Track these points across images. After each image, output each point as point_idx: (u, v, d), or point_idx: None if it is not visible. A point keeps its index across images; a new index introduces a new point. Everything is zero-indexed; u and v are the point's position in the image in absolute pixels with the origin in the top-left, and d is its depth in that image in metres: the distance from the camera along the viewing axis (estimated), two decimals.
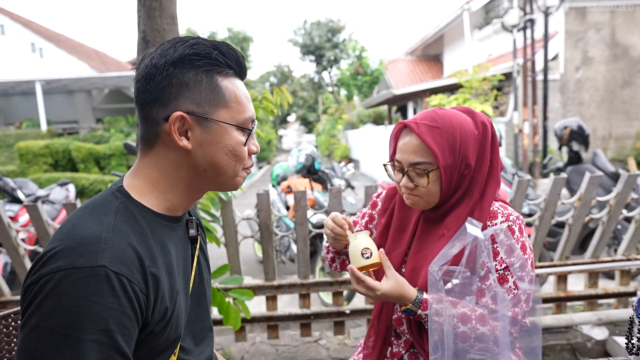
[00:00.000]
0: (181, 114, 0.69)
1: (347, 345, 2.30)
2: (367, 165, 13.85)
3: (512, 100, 9.21)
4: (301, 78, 31.26)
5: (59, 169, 10.55)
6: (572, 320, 2.31)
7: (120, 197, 0.70)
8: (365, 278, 0.95)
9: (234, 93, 0.73)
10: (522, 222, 1.00)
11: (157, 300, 0.66)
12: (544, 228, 2.21)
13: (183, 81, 0.69)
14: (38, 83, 12.45)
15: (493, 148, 1.02)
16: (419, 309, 0.96)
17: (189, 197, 0.76)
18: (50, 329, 0.56)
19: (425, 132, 0.97)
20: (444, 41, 16.17)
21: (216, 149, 0.72)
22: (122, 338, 0.60)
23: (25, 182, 3.94)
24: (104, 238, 0.61)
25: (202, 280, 0.85)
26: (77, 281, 0.57)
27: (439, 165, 0.97)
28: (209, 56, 0.70)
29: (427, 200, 1.03)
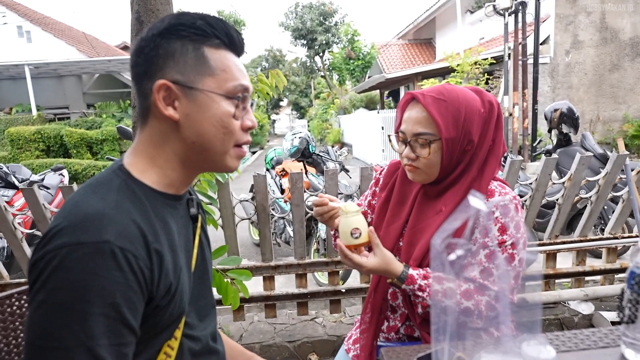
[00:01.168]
0: (164, 82, 0.69)
1: (343, 323, 2.37)
2: (359, 149, 13.88)
3: (503, 84, 9.25)
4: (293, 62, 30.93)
5: (51, 154, 10.42)
6: (560, 297, 2.39)
7: (121, 175, 0.71)
8: (352, 255, 0.99)
9: (221, 62, 0.72)
10: (518, 202, 1.02)
11: (161, 276, 0.67)
12: (535, 208, 2.27)
13: (169, 51, 0.70)
14: (27, 67, 12.16)
15: (497, 128, 1.04)
16: (403, 284, 1.00)
17: (186, 173, 0.76)
18: (58, 303, 0.57)
19: (430, 103, 0.99)
20: (436, 25, 16.07)
21: (203, 120, 0.71)
22: (129, 312, 0.61)
23: (19, 167, 3.91)
24: (108, 214, 0.62)
25: (204, 259, 0.86)
26: (82, 256, 0.57)
27: (442, 137, 0.99)
28: (194, 25, 0.70)
29: (427, 172, 1.04)
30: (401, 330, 1.16)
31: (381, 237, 1.15)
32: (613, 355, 0.82)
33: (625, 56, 10.18)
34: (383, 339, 1.19)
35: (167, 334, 0.73)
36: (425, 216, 1.08)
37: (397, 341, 1.17)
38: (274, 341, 2.23)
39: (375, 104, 16.32)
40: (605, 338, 0.88)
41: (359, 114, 14.47)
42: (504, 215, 0.99)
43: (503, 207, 1.00)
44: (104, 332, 0.58)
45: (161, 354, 0.72)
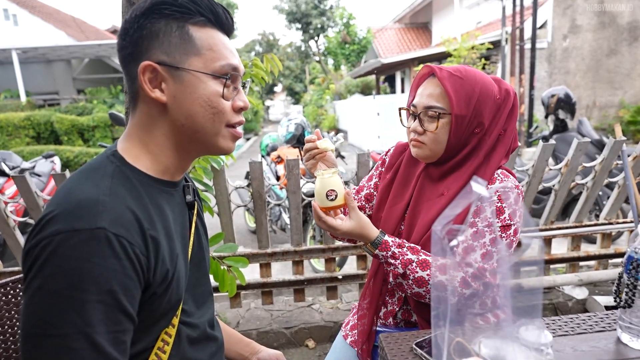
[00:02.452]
0: (149, 63, 0.67)
1: (339, 309, 2.38)
2: (355, 135, 13.84)
3: (500, 69, 9.20)
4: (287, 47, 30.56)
5: (42, 141, 10.28)
6: (555, 281, 2.42)
7: (115, 161, 0.69)
8: (326, 218, 0.98)
9: (207, 41, 0.70)
10: (520, 192, 1.01)
11: (157, 263, 0.66)
12: (531, 194, 2.27)
13: (152, 31, 0.68)
14: (14, 52, 11.91)
15: (510, 118, 1.03)
16: (376, 249, 1.00)
17: (180, 158, 0.75)
18: (53, 291, 0.56)
19: (446, 77, 0.98)
20: (433, 8, 15.89)
21: (190, 100, 0.69)
22: (126, 298, 0.60)
23: (9, 154, 3.85)
24: (102, 200, 0.61)
25: (201, 246, 0.86)
26: (77, 243, 0.57)
27: (452, 112, 0.98)
28: (176, 3, 0.68)
29: (431, 149, 1.03)
30: (399, 315, 1.16)
31: (383, 218, 1.15)
32: (609, 339, 0.82)
33: (623, 41, 10.15)
34: (380, 325, 1.19)
35: (165, 322, 0.72)
36: (427, 198, 1.07)
37: (395, 326, 1.17)
38: (271, 327, 2.24)
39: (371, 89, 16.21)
40: (601, 322, 0.88)
41: (354, 99, 14.37)
42: (501, 200, 0.98)
43: (502, 193, 0.99)
44: (101, 319, 0.58)
45: (159, 341, 0.72)
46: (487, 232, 0.95)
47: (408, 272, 0.97)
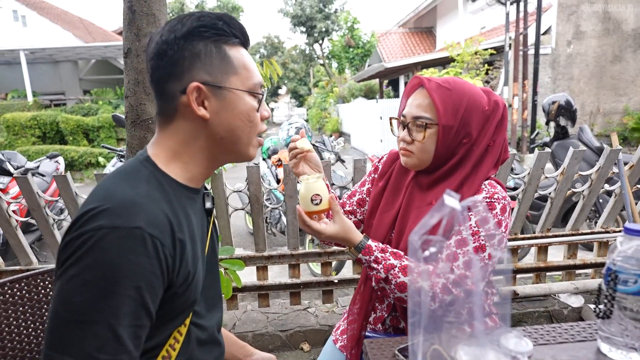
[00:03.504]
0: (197, 84, 0.72)
1: (335, 313, 2.39)
2: (357, 139, 13.85)
3: (503, 74, 9.20)
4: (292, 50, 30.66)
5: (48, 141, 10.39)
6: (551, 289, 2.42)
7: (148, 167, 0.74)
8: (311, 222, 0.99)
9: (242, 60, 0.77)
10: (507, 203, 1.02)
11: (182, 264, 0.71)
12: (527, 201, 2.28)
13: (194, 53, 0.73)
14: (22, 52, 12.06)
15: (499, 129, 1.04)
16: (359, 254, 1.01)
17: (208, 167, 0.80)
18: (88, 280, 0.61)
19: (434, 88, 1.01)
20: (437, 13, 15.91)
21: (232, 116, 0.76)
22: (150, 296, 0.65)
23: (14, 154, 3.89)
24: (140, 202, 0.66)
25: (214, 251, 0.90)
26: (116, 240, 0.62)
27: (439, 122, 1.00)
28: (215, 26, 0.74)
29: (419, 158, 1.05)
30: (387, 321, 1.17)
31: (374, 225, 1.16)
32: (589, 349, 0.84)
33: (628, 47, 10.12)
34: (370, 330, 1.21)
35: (179, 320, 0.77)
36: (415, 205, 1.09)
37: (384, 332, 1.19)
38: (267, 330, 2.26)
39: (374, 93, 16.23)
40: (583, 332, 0.90)
41: (357, 103, 14.40)
42: (487, 210, 1.00)
43: (487, 204, 1.01)
44: (126, 312, 0.62)
45: (171, 339, 0.76)
46: (470, 241, 0.97)
47: (390, 277, 0.99)
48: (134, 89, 1.60)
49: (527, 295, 2.39)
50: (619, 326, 0.75)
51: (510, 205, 1.06)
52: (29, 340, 1.07)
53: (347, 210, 1.28)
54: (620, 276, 0.73)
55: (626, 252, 0.73)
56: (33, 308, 1.10)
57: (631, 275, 0.72)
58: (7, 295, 1.08)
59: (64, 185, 2.06)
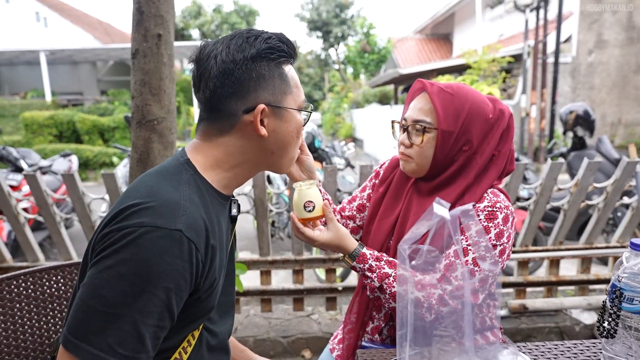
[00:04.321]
0: (264, 106, 0.74)
1: (338, 320, 2.36)
2: (370, 145, 13.79)
3: (521, 83, 9.06)
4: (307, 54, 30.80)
5: (64, 140, 10.61)
6: (562, 304, 2.34)
7: (189, 170, 0.75)
8: (304, 229, 0.98)
9: (294, 79, 0.80)
10: (510, 212, 0.99)
11: (210, 270, 0.71)
12: (539, 212, 2.21)
13: (261, 74, 0.74)
14: (42, 53, 12.38)
15: (504, 139, 1.02)
16: (354, 261, 0.99)
17: (244, 176, 0.82)
18: (122, 273, 0.61)
19: (436, 92, 0.99)
20: (455, 20, 15.80)
21: (286, 133, 0.79)
22: (175, 299, 0.65)
23: (29, 152, 3.97)
24: (183, 205, 0.67)
25: (232, 258, 0.90)
26: (155, 238, 0.62)
27: (439, 127, 0.98)
28: (281, 49, 0.76)
29: (417, 163, 1.03)
30: (384, 331, 1.14)
31: (373, 231, 1.14)
32: None
33: None
34: (367, 340, 1.18)
35: (196, 324, 0.77)
36: (414, 212, 1.06)
37: (381, 343, 1.16)
38: (269, 335, 2.24)
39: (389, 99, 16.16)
40: (587, 351, 0.85)
41: (371, 108, 14.36)
42: (489, 220, 0.96)
43: (489, 213, 0.97)
44: (151, 311, 0.62)
45: (184, 342, 0.76)
46: (470, 251, 0.93)
47: (385, 286, 0.96)
48: (141, 89, 1.60)
49: (537, 309, 2.31)
50: (623, 346, 0.71)
51: (514, 215, 1.02)
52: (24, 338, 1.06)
53: (346, 215, 1.26)
54: (625, 293, 0.69)
55: (632, 268, 0.69)
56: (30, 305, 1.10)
57: (637, 293, 0.68)
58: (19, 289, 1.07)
59: (71, 184, 2.08)
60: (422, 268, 0.65)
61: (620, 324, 0.70)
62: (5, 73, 15.58)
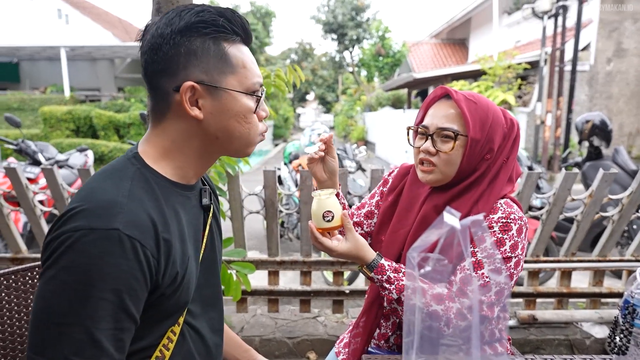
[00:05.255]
0: (192, 83, 0.69)
1: (344, 323, 2.35)
2: (382, 148, 13.75)
3: (537, 90, 8.94)
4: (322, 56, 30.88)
5: (80, 134, 10.80)
6: (573, 317, 2.30)
7: (136, 164, 0.72)
8: (322, 239, 0.97)
9: (241, 59, 0.73)
10: (524, 223, 0.99)
11: (168, 265, 0.68)
12: (552, 222, 2.18)
13: (191, 49, 0.69)
14: (63, 49, 12.62)
15: (513, 147, 1.03)
16: (372, 272, 0.98)
17: (201, 164, 0.77)
18: (65, 282, 0.59)
19: (462, 100, 0.99)
20: (471, 25, 15.68)
21: (227, 117, 0.72)
22: (130, 299, 0.62)
23: (46, 145, 4.05)
24: (120, 202, 0.64)
25: (214, 249, 0.86)
26: (92, 241, 0.60)
27: (468, 134, 0.97)
28: (216, 23, 0.70)
29: (443, 171, 1.01)
30: (391, 339, 1.14)
31: (385, 243, 1.13)
32: None
33: None
34: (374, 346, 1.18)
35: (172, 321, 0.75)
36: (429, 224, 1.05)
37: (388, 349, 1.16)
38: (274, 336, 2.24)
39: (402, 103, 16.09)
40: None
41: (384, 112, 14.32)
42: (503, 231, 0.96)
43: (503, 224, 0.96)
44: (103, 316, 0.60)
45: (164, 339, 0.74)
46: (486, 264, 0.93)
47: (403, 298, 0.95)
48: None
49: (546, 321, 2.28)
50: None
51: (527, 226, 1.01)
52: None
53: (354, 222, 1.25)
54: (638, 310, 0.67)
55: None
56: None
57: None
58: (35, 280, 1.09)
59: (86, 178, 2.12)
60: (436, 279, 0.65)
61: (633, 340, 0.69)
62: (27, 68, 15.93)
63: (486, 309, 0.92)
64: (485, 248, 0.93)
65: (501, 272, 0.92)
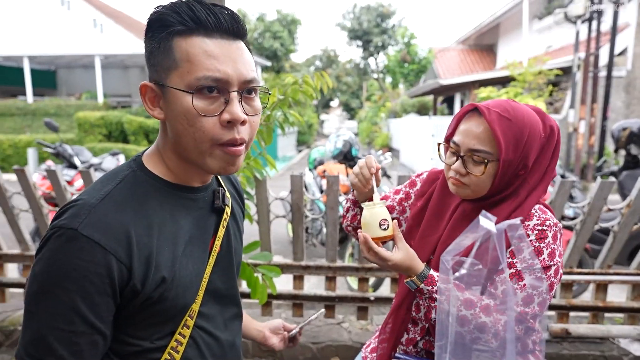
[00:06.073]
0: (144, 83, 0.69)
1: (369, 330, 2.33)
2: (407, 155, 13.62)
3: (569, 96, 8.67)
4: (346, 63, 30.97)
5: (112, 139, 11.20)
6: (609, 332, 2.20)
7: (132, 167, 0.73)
8: (378, 249, 0.95)
9: (186, 52, 0.65)
10: (558, 229, 0.96)
11: (148, 269, 0.66)
12: (586, 233, 2.10)
13: (148, 51, 0.69)
14: (97, 57, 13.17)
15: (553, 156, 0.98)
16: (422, 283, 0.96)
17: (187, 168, 0.74)
18: (35, 273, 0.63)
19: (495, 120, 0.93)
20: (500, 31, 15.39)
21: (173, 118, 0.67)
22: (83, 302, 0.61)
23: (81, 149, 4.22)
24: (90, 204, 0.64)
25: (230, 250, 0.85)
26: (55, 238, 0.62)
27: (500, 157, 0.93)
28: (160, 17, 0.66)
29: (473, 191, 0.99)
30: (419, 344, 1.12)
31: (414, 248, 1.12)
32: None
33: None
34: (401, 352, 1.16)
35: (173, 324, 0.73)
36: (460, 232, 1.03)
37: (415, 355, 1.14)
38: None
39: (427, 109, 15.93)
40: None
41: (409, 118, 14.19)
42: (539, 239, 0.93)
43: (539, 232, 0.94)
44: (53, 313, 0.61)
45: (172, 342, 0.74)
46: (526, 274, 0.90)
47: (454, 310, 0.93)
48: None
49: (580, 335, 2.18)
50: None
51: (562, 232, 0.98)
52: None
53: None
54: None
55: None
56: None
57: None
58: None
59: (87, 179, 2.21)
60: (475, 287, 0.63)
61: None
62: (63, 75, 16.69)
63: (531, 321, 0.90)
64: (524, 258, 0.90)
65: (542, 282, 0.90)
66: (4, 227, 2.47)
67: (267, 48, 22.26)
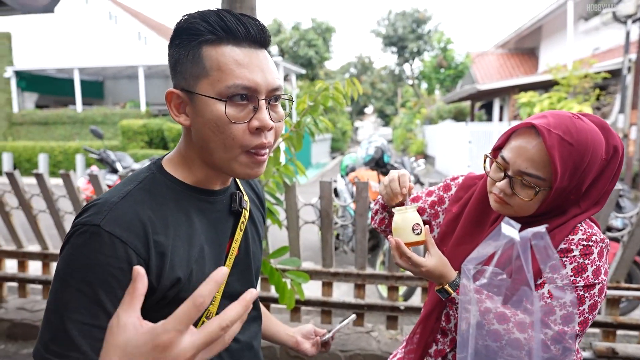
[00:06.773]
0: (171, 90, 0.71)
1: (398, 340, 2.28)
2: (442, 162, 13.32)
3: (619, 101, 8.18)
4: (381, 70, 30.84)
5: (153, 146, 11.70)
6: None
7: (152, 169, 0.75)
8: (412, 254, 0.92)
9: (217, 60, 0.67)
10: (605, 245, 0.89)
11: (163, 268, 0.68)
12: (635, 245, 1.96)
13: (175, 58, 0.71)
14: (141, 68, 13.82)
15: (613, 180, 0.90)
16: (454, 292, 0.92)
17: (210, 173, 0.76)
18: (58, 269, 0.65)
19: (555, 145, 0.83)
20: (542, 33, 14.81)
21: (202, 125, 0.69)
22: (106, 294, 0.62)
23: (124, 155, 4.43)
24: (112, 202, 0.67)
25: (248, 254, 0.86)
26: (78, 235, 0.64)
27: (553, 186, 0.85)
28: (190, 26, 0.69)
29: (516, 212, 0.93)
30: (449, 356, 1.08)
31: (447, 255, 1.08)
32: None
33: None
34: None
35: None
36: None
37: None
38: None
39: (464, 116, 15.54)
40: None
41: (445, 125, 13.90)
42: (584, 255, 0.87)
43: (584, 247, 0.88)
44: (76, 307, 0.61)
45: None
46: (567, 291, 0.84)
47: (484, 322, 0.88)
48: None
49: (629, 356, 2.03)
50: None
51: (609, 248, 0.91)
52: None
53: None
54: None
55: None
56: None
57: None
58: None
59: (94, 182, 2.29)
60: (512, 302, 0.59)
61: None
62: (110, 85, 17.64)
63: (570, 341, 0.84)
64: (565, 275, 0.84)
65: (584, 301, 0.84)
66: (51, 229, 2.62)
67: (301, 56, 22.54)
